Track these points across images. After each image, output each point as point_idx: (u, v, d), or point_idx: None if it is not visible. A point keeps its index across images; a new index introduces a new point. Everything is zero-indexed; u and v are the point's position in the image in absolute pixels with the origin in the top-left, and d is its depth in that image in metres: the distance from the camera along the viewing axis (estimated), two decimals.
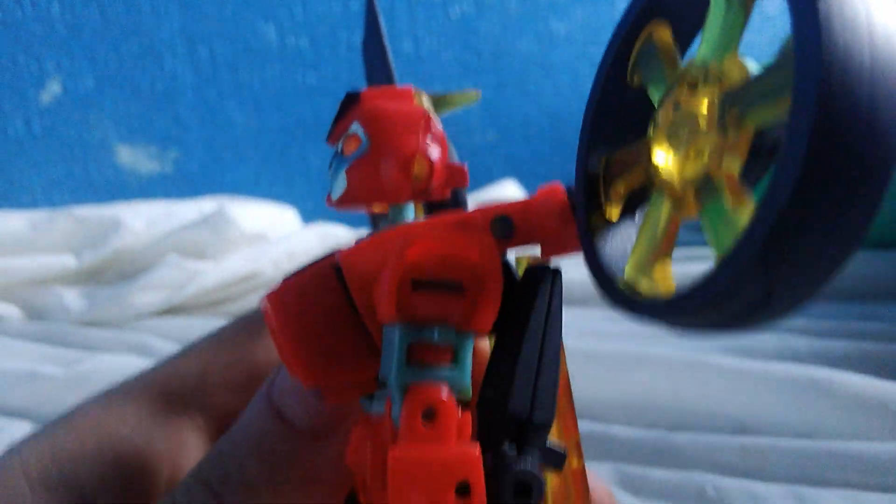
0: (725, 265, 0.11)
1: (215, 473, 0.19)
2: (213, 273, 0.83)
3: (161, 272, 0.82)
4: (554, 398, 0.17)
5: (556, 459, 0.17)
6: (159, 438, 0.22)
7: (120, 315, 0.79)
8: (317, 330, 0.17)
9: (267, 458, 0.19)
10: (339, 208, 0.18)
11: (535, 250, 0.18)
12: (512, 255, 0.18)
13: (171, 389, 0.23)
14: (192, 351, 0.24)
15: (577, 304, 0.72)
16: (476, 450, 0.16)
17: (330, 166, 0.18)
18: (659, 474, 0.42)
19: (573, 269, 0.84)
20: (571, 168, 0.18)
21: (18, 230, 0.90)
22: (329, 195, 0.18)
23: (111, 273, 0.89)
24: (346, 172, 0.18)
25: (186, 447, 0.22)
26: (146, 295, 0.81)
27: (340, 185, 0.18)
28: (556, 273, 0.18)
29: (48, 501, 0.20)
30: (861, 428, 0.43)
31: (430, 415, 0.16)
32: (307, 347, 0.17)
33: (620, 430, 0.47)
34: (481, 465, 0.16)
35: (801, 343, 0.56)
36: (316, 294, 0.17)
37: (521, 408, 0.16)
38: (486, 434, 0.16)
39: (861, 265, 0.75)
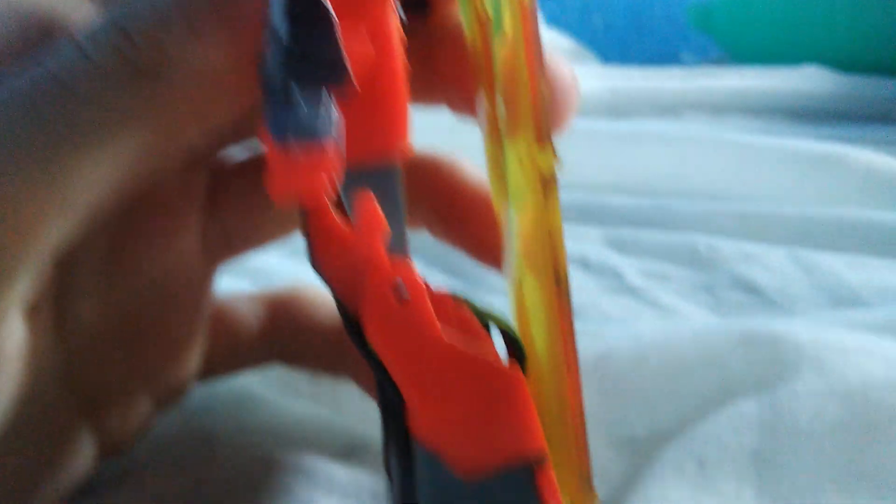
0: None
1: (124, 12, 0.16)
2: None
3: None
4: None
5: None
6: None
7: None
8: None
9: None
10: None
11: None
12: None
13: None
14: None
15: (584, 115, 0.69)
16: None
17: None
18: (649, 235, 0.40)
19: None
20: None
21: None
22: None
23: None
24: None
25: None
26: None
27: None
28: None
29: None
30: (871, 199, 0.41)
31: None
32: None
33: (612, 199, 0.44)
34: None
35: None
36: None
37: None
38: None
39: (878, 90, 0.71)
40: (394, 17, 0.15)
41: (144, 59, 0.15)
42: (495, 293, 0.30)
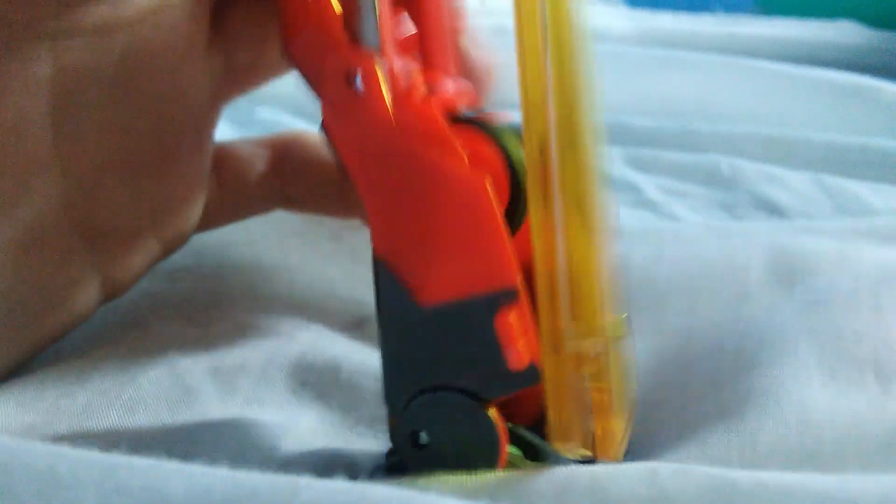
0: None
1: None
2: None
3: None
4: None
5: None
6: None
7: None
8: None
9: None
10: None
11: None
12: None
13: None
14: None
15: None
16: None
17: None
18: (671, 156, 0.39)
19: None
20: None
21: None
22: None
23: None
24: None
25: None
26: None
27: None
28: None
29: None
30: None
31: None
32: None
33: (635, 120, 0.43)
34: None
35: None
36: None
37: None
38: None
39: None
40: None
41: None
42: None
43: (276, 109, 0.42)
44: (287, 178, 0.24)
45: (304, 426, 0.18)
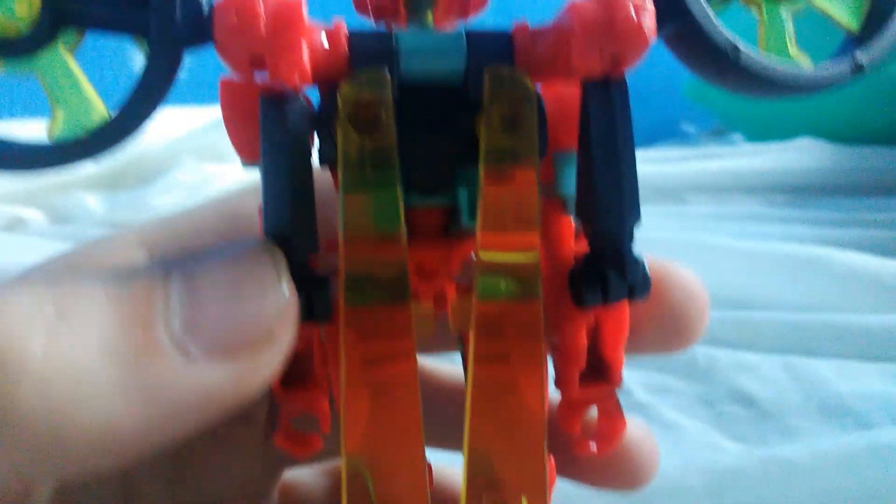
0: None
1: None
2: (229, 174, 0.84)
3: (177, 175, 0.84)
4: None
5: None
6: None
7: (139, 217, 0.81)
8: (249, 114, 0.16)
9: None
10: None
11: None
12: None
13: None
14: None
15: None
16: None
17: None
18: None
19: None
20: None
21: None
22: None
23: (130, 177, 0.91)
24: None
25: None
26: (164, 197, 0.82)
27: None
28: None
29: None
30: (855, 302, 0.44)
31: None
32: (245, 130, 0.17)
33: None
34: None
35: (805, 231, 0.57)
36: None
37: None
38: None
39: (870, 160, 0.74)
40: None
41: None
42: None
43: None
44: None
45: None
